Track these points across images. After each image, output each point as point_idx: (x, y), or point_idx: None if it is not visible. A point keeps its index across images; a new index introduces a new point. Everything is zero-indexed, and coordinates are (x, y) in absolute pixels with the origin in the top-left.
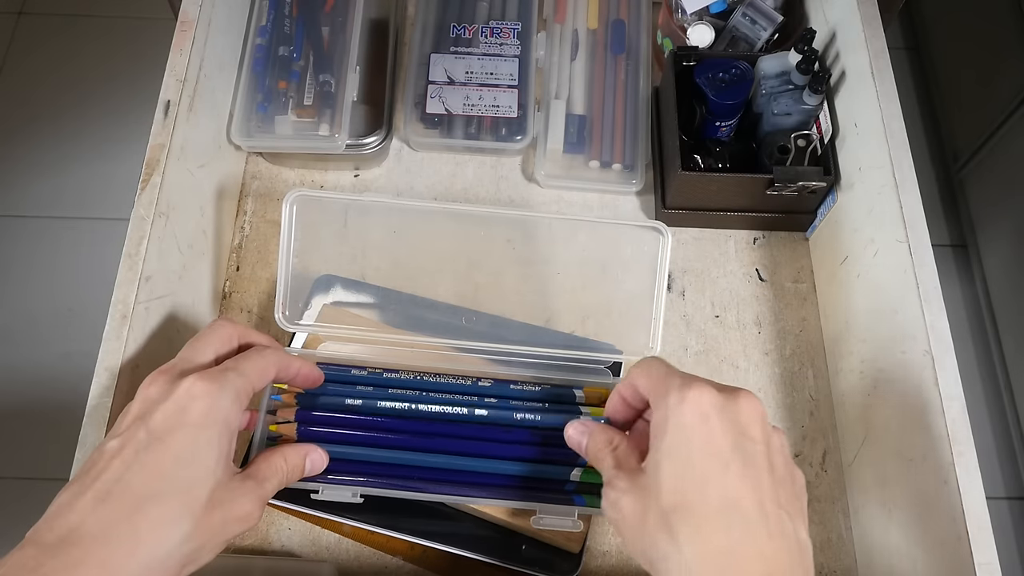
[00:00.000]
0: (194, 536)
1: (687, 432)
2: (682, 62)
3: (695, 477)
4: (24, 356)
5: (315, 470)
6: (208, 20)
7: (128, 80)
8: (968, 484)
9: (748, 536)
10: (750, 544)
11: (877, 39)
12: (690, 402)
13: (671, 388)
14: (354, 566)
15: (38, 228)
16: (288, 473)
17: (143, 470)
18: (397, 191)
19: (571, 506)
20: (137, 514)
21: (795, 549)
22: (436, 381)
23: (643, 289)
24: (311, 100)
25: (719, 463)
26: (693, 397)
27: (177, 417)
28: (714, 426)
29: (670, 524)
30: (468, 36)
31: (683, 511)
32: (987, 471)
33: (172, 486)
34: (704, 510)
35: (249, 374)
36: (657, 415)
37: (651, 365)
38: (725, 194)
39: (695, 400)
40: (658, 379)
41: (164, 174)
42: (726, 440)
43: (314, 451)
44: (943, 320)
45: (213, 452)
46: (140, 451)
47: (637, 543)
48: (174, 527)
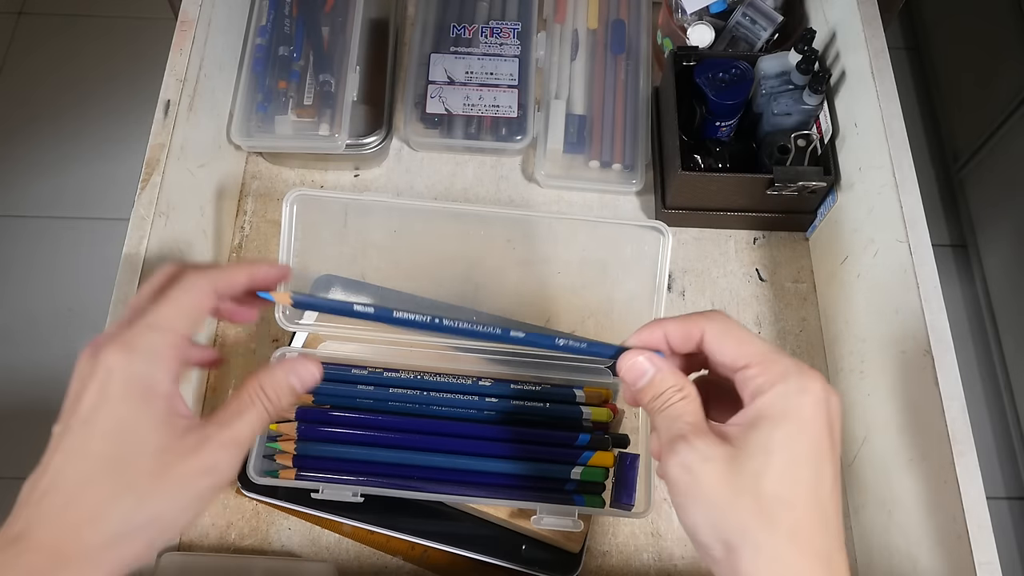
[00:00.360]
0: (146, 506)
1: (805, 426)
2: (682, 62)
3: (804, 476)
4: (24, 356)
5: (308, 383)
6: (208, 20)
7: (128, 80)
8: (968, 484)
9: (837, 542)
10: (838, 551)
11: (877, 39)
12: (812, 395)
13: (789, 372)
14: (354, 566)
15: (38, 228)
16: (272, 400)
17: (75, 457)
18: (397, 191)
19: (571, 506)
20: (73, 504)
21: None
22: (436, 381)
23: (643, 289)
24: (311, 100)
25: (825, 463)
26: (815, 391)
27: (100, 395)
28: (824, 425)
29: (771, 513)
30: (468, 36)
31: (787, 504)
32: (987, 471)
33: (103, 466)
34: (806, 509)
35: (167, 323)
36: (768, 397)
37: (738, 330)
38: (725, 194)
39: (817, 394)
40: (761, 353)
41: (164, 174)
42: (830, 440)
43: (300, 364)
44: (943, 320)
45: (142, 421)
46: (72, 437)
47: (710, 516)
48: (113, 506)
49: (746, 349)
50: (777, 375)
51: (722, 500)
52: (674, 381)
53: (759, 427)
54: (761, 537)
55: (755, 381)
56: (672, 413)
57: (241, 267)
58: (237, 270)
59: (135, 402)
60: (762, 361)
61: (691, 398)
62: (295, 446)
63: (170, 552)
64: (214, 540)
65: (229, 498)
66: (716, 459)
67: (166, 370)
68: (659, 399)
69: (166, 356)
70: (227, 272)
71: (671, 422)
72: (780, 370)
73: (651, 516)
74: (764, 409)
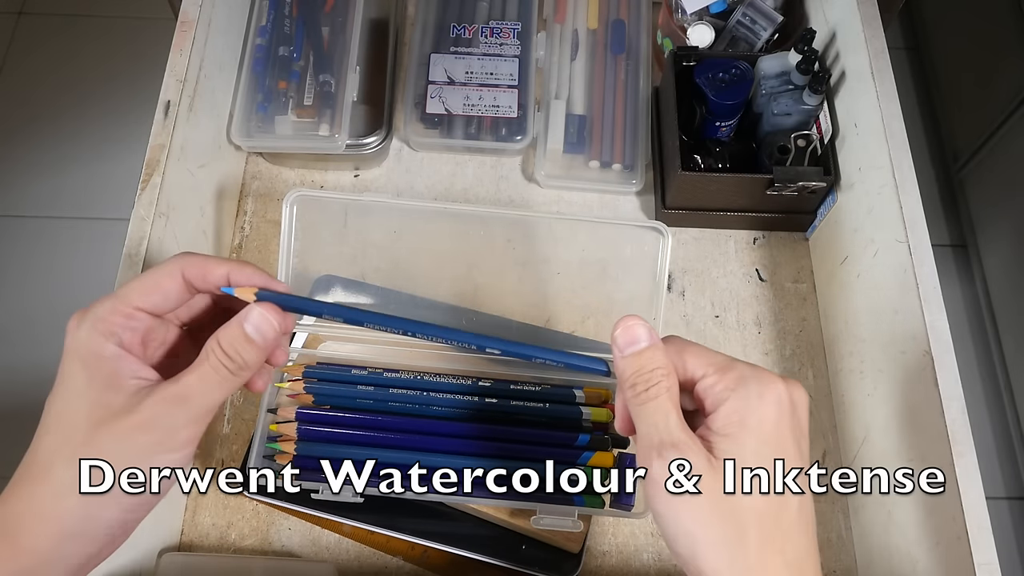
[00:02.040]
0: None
1: (768, 433)
2: (682, 62)
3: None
4: (23, 356)
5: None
6: (208, 20)
7: (128, 80)
8: (968, 484)
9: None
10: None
11: (877, 39)
12: (771, 398)
13: (746, 378)
14: (354, 566)
15: (38, 228)
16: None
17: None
18: (397, 191)
19: (571, 506)
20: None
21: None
22: (436, 381)
23: (643, 289)
24: (311, 100)
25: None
26: (773, 392)
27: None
28: (788, 425)
29: (742, 524)
30: (468, 36)
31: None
32: (987, 471)
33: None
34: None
35: (122, 294)
36: (731, 406)
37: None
38: (725, 194)
39: (776, 396)
40: (717, 363)
41: (164, 174)
42: (793, 437)
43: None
44: (943, 320)
45: (80, 382)
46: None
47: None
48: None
49: (702, 360)
50: (734, 381)
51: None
52: (664, 363)
53: (727, 435)
54: (730, 544)
55: (714, 389)
56: (661, 408)
57: (225, 262)
58: (218, 263)
59: (77, 364)
60: (718, 369)
61: (674, 391)
62: (295, 446)
63: (170, 552)
64: (214, 540)
65: (229, 498)
66: (701, 471)
67: (109, 334)
68: (644, 376)
69: (111, 322)
70: (205, 260)
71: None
72: (736, 376)
73: (651, 516)
74: (728, 417)
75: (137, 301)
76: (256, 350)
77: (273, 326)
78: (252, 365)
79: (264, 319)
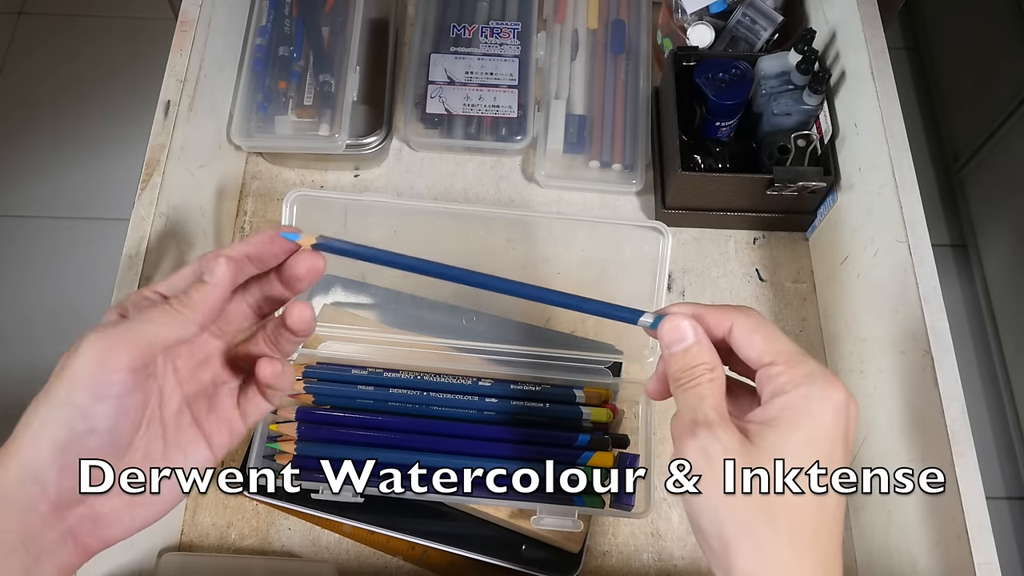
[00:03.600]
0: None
1: (823, 433)
2: (682, 62)
3: None
4: (23, 357)
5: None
6: (208, 20)
7: (128, 80)
8: (968, 484)
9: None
10: (835, 555)
11: (877, 39)
12: (833, 403)
13: (814, 377)
14: (354, 566)
15: (37, 228)
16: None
17: None
18: (397, 191)
19: (571, 506)
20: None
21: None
22: (436, 381)
23: (643, 289)
24: (311, 100)
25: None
26: (837, 399)
27: None
28: (841, 435)
29: (775, 513)
30: (468, 36)
31: (792, 507)
32: (987, 471)
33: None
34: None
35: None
36: (789, 400)
37: (769, 327)
38: (725, 194)
39: (838, 403)
40: (788, 353)
41: (164, 174)
42: (843, 450)
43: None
44: (943, 320)
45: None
46: None
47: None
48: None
49: (774, 347)
50: (801, 377)
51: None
52: (709, 358)
53: (777, 427)
54: (762, 535)
55: (778, 380)
56: (699, 393)
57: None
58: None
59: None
60: (788, 360)
61: (718, 383)
62: (295, 446)
63: (170, 552)
64: (214, 540)
65: (229, 498)
66: (734, 453)
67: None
68: (688, 371)
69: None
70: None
71: (697, 403)
72: (805, 372)
73: (651, 516)
74: (784, 410)
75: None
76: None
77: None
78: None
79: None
